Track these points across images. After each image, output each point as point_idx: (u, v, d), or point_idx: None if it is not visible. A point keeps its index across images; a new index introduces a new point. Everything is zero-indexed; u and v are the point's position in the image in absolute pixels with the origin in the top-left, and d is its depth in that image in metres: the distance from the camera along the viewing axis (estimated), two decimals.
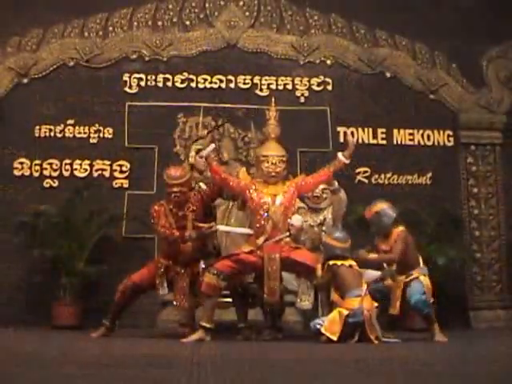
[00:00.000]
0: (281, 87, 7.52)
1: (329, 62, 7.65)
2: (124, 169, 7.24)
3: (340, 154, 5.00)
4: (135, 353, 3.90)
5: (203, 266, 5.09)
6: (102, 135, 7.31)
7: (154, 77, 7.45)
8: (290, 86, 7.51)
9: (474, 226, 7.56)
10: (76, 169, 7.21)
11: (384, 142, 7.56)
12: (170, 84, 7.46)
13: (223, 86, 7.43)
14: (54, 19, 7.55)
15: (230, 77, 7.49)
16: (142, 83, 7.45)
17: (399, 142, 7.58)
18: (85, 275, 6.50)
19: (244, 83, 7.49)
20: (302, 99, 7.45)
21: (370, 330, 4.48)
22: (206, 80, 7.44)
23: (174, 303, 5.13)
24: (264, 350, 4.31)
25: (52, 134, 7.30)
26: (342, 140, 7.27)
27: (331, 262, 4.69)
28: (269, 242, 4.75)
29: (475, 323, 7.20)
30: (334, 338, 4.39)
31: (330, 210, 5.36)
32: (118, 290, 5.17)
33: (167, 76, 7.47)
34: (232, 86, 7.48)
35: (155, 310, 6.40)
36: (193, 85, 7.40)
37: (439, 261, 6.58)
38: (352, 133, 7.35)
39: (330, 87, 7.55)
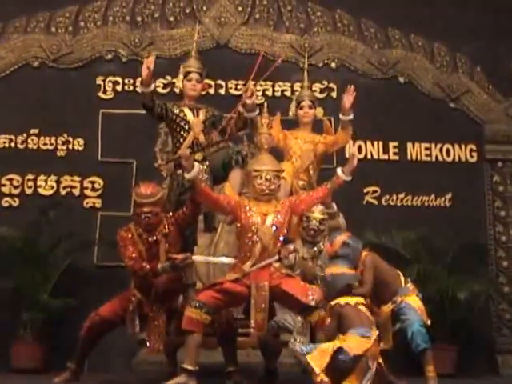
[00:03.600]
0: (278, 94, 7.72)
1: (333, 65, 7.86)
2: (96, 186, 7.38)
3: (339, 170, 5.04)
4: None
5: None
6: (71, 147, 7.46)
7: (132, 80, 7.61)
8: (288, 93, 7.66)
9: (502, 256, 7.69)
10: (40, 186, 7.35)
11: (396, 157, 7.74)
12: None
13: (212, 91, 7.55)
14: (16, 11, 7.72)
15: (220, 81, 7.68)
16: (119, 87, 7.63)
17: (414, 158, 7.75)
18: (50, 309, 6.56)
19: (236, 89, 7.68)
20: None
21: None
22: None
23: (147, 344, 5.13)
24: None
25: (12, 144, 7.45)
26: (347, 155, 7.43)
27: (333, 303, 4.55)
28: (255, 268, 4.82)
29: (504, 369, 7.25)
30: (317, 371, 4.23)
31: (327, 239, 5.42)
32: (84, 326, 5.20)
33: None
34: (222, 91, 7.69)
35: (131, 350, 6.49)
36: (177, 90, 7.51)
37: (460, 296, 6.70)
38: (360, 146, 7.60)
39: (334, 94, 7.70)
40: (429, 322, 4.95)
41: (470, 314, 6.99)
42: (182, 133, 5.51)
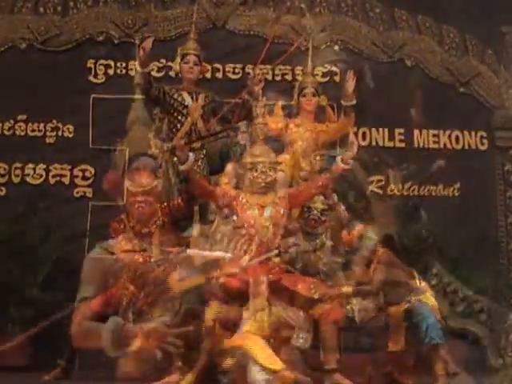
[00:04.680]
0: (278, 78, 7.77)
1: (337, 47, 7.87)
2: (87, 175, 7.45)
3: (338, 158, 5.11)
4: None
5: None
6: (60, 134, 7.52)
7: (124, 64, 7.67)
8: (289, 77, 7.74)
9: None
10: (28, 174, 7.40)
11: (402, 144, 7.81)
12: None
13: (208, 75, 7.50)
14: None
15: (217, 65, 7.72)
16: (110, 71, 7.68)
17: (421, 145, 7.82)
18: (39, 304, 6.55)
19: (234, 73, 7.73)
20: None
21: None
22: None
23: None
24: None
25: None
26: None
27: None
28: (253, 262, 4.84)
29: None
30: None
31: (329, 232, 5.46)
32: (75, 320, 5.30)
33: None
34: (219, 75, 7.74)
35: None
36: (172, 74, 7.47)
37: (468, 292, 6.75)
38: (364, 133, 7.65)
39: (337, 78, 7.73)
40: (442, 322, 5.03)
41: (480, 310, 6.98)
42: (179, 118, 5.53)
